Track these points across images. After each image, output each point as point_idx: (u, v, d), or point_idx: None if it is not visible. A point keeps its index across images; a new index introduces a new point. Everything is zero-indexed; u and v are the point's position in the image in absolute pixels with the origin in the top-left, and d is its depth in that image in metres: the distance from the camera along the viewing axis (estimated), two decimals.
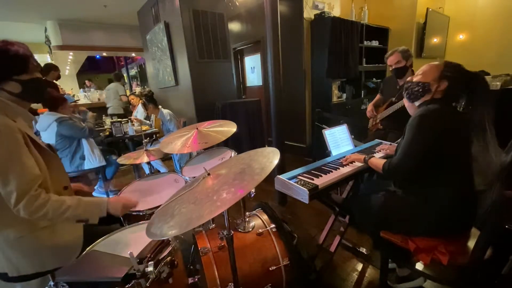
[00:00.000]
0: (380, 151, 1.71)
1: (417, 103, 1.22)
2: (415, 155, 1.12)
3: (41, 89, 1.09)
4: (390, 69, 2.14)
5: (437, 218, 1.13)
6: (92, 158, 2.57)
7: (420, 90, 1.17)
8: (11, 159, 0.89)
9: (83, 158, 2.57)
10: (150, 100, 3.18)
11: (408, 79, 1.26)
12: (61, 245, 1.06)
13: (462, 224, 1.16)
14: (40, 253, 1.02)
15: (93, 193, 3.00)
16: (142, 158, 1.79)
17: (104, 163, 2.65)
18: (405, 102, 1.31)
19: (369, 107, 2.46)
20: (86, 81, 7.74)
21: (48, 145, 1.11)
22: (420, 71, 1.21)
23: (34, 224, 1.01)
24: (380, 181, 1.87)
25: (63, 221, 1.01)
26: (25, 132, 0.96)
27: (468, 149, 1.13)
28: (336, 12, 3.78)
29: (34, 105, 2.33)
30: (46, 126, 2.42)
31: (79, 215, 1.00)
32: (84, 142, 2.56)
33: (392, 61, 2.08)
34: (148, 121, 3.72)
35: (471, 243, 1.13)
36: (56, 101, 2.43)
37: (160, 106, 3.26)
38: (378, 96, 2.47)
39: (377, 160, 1.31)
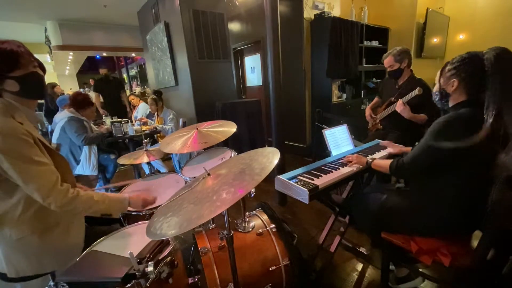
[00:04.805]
0: (385, 147, 1.74)
1: (450, 104, 1.15)
2: (424, 161, 1.11)
3: (40, 83, 1.05)
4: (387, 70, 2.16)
5: (442, 218, 1.11)
6: (85, 165, 2.55)
7: (438, 97, 1.18)
8: (24, 160, 0.90)
9: (77, 162, 2.55)
10: (160, 98, 3.40)
11: (435, 89, 1.22)
12: (62, 248, 1.06)
13: (467, 226, 1.13)
14: (40, 255, 1.02)
15: None
16: (142, 158, 1.80)
17: (96, 173, 2.63)
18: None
19: (367, 111, 2.45)
20: (91, 80, 7.63)
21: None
22: (436, 80, 1.20)
23: (36, 226, 1.01)
24: (379, 184, 1.88)
25: (89, 214, 1.09)
26: (33, 134, 0.96)
27: (487, 163, 0.98)
28: (336, 12, 3.77)
29: None
30: (58, 121, 2.49)
31: (104, 210, 1.09)
32: (85, 146, 2.55)
33: (386, 63, 2.11)
34: (151, 121, 3.72)
35: (473, 244, 1.12)
36: (80, 102, 2.51)
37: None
38: (376, 99, 2.47)
39: (382, 161, 1.30)
